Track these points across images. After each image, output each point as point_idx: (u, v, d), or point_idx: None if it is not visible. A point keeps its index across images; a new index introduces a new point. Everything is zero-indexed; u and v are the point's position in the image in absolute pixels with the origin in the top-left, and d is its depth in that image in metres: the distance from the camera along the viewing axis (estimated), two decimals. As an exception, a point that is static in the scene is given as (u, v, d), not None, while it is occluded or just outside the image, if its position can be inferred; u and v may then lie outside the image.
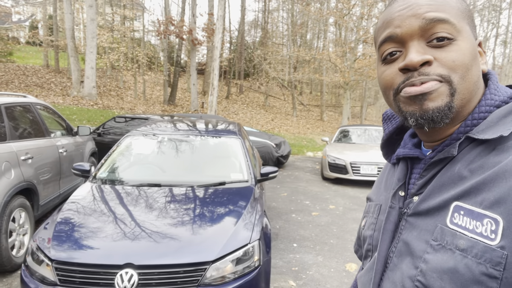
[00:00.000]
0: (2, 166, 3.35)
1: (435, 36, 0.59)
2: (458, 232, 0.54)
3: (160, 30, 18.05)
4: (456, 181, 0.58)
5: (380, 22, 0.67)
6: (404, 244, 0.63)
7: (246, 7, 27.22)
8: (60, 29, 23.59)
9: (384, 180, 0.81)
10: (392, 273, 0.64)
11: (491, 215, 0.51)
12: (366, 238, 0.78)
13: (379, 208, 0.76)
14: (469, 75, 0.59)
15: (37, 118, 4.44)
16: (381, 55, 0.65)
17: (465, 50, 0.59)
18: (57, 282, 2.17)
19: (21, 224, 3.64)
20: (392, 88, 0.63)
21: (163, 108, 18.21)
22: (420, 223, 0.61)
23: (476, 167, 0.56)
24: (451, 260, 0.53)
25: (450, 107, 0.58)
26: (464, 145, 0.60)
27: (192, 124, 4.35)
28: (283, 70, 25.66)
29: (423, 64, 0.58)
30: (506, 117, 0.58)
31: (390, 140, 0.81)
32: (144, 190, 3.04)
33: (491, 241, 0.50)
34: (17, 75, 19.65)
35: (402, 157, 0.73)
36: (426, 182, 0.64)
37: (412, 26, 0.60)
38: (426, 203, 0.61)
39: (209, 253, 2.31)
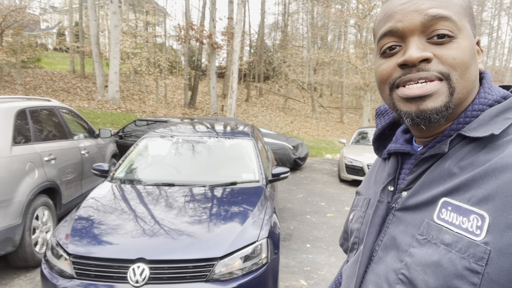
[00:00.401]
0: (26, 166, 3.55)
1: (436, 33, 0.59)
2: (444, 227, 0.54)
3: (180, 35, 18.39)
4: (445, 177, 0.58)
5: (381, 15, 0.66)
6: (390, 238, 0.63)
7: (265, 10, 27.38)
8: (85, 35, 24.38)
9: (374, 174, 0.81)
10: (377, 265, 0.65)
11: (478, 211, 0.51)
12: (353, 231, 0.78)
13: (368, 202, 0.76)
14: (468, 73, 0.59)
15: (61, 121, 4.65)
16: (380, 48, 0.65)
17: (465, 48, 0.59)
18: (74, 275, 2.30)
19: (44, 222, 3.83)
20: (388, 82, 0.64)
21: (183, 111, 18.53)
22: (408, 218, 0.61)
23: (466, 164, 0.57)
24: (436, 254, 0.54)
25: (448, 107, 0.59)
26: (455, 142, 0.61)
27: (206, 126, 4.46)
28: (302, 73, 25.62)
29: (422, 60, 0.58)
30: (497, 116, 0.58)
31: (382, 135, 0.81)
32: (158, 189, 3.16)
33: (476, 237, 0.50)
34: (44, 81, 20.45)
35: (393, 152, 0.73)
36: (415, 178, 0.65)
37: (414, 21, 0.59)
38: (414, 198, 0.61)
39: (217, 249, 2.39)
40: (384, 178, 0.72)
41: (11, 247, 3.27)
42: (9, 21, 16.21)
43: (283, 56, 24.85)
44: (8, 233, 3.19)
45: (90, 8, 17.19)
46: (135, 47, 20.21)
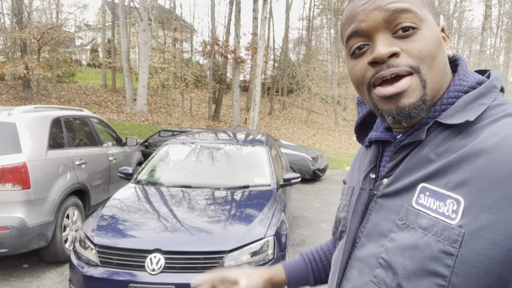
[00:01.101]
0: (60, 169, 3.90)
1: (399, 27, 0.60)
2: (422, 211, 0.56)
3: (206, 50, 19.02)
4: (423, 163, 0.60)
5: (344, 17, 0.67)
6: (373, 224, 0.65)
7: (289, 25, 27.87)
8: (117, 51, 25.56)
9: (358, 163, 0.83)
10: (359, 251, 0.67)
11: (454, 195, 0.53)
12: (340, 220, 0.80)
13: (352, 190, 0.78)
14: (436, 63, 0.60)
15: (91, 129, 5.05)
16: (349, 50, 0.66)
17: (430, 38, 0.60)
18: (99, 263, 2.57)
19: (74, 221, 4.16)
20: (364, 83, 0.65)
21: (207, 124, 19.01)
22: (388, 204, 0.63)
23: (442, 150, 0.58)
24: (413, 237, 0.55)
25: (424, 100, 0.60)
26: (432, 130, 0.62)
27: (224, 134, 4.73)
28: (325, 86, 25.76)
29: (391, 56, 0.59)
30: (472, 102, 0.60)
31: (364, 123, 0.82)
32: (176, 190, 3.42)
33: (451, 220, 0.52)
34: (78, 94, 21.53)
35: (374, 140, 0.74)
36: (395, 165, 0.66)
37: (376, 19, 0.60)
38: (394, 185, 0.63)
39: (227, 243, 2.60)
40: (366, 166, 0.74)
41: (44, 242, 3.60)
42: (46, 38, 17.29)
43: (306, 70, 25.11)
44: (41, 228, 3.52)
45: (121, 25, 18.12)
46: (163, 62, 21.02)
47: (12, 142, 3.42)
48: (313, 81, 24.12)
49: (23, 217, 3.34)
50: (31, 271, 3.75)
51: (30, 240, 3.41)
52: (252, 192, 3.44)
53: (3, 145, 3.39)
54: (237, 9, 19.74)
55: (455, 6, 22.27)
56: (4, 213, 3.26)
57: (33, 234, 3.42)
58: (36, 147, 3.62)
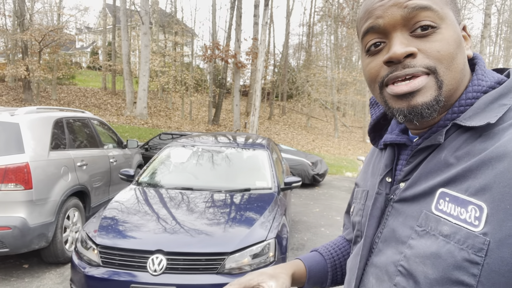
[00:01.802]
0: (61, 170, 3.92)
1: (418, 25, 0.57)
2: (443, 218, 0.54)
3: (207, 54, 19.10)
4: (442, 168, 0.58)
5: (361, 12, 0.64)
6: (390, 230, 0.63)
7: (290, 31, 28.02)
8: (117, 54, 25.62)
9: (372, 165, 0.80)
10: (377, 258, 0.65)
11: (476, 201, 0.51)
12: (355, 224, 0.78)
13: (366, 194, 0.76)
14: (455, 64, 0.58)
15: (93, 131, 5.07)
16: (365, 46, 0.64)
17: (449, 38, 0.57)
18: (100, 263, 2.58)
19: (74, 222, 4.17)
20: (377, 81, 0.63)
21: (207, 128, 19.04)
22: (406, 209, 0.61)
23: (462, 154, 0.56)
24: (434, 245, 0.53)
25: (439, 101, 0.58)
26: (450, 132, 0.60)
27: (225, 138, 4.76)
28: (325, 92, 25.85)
29: (407, 56, 0.57)
30: (492, 103, 0.57)
31: (378, 125, 0.80)
32: (178, 192, 3.44)
33: (474, 228, 0.50)
34: (78, 97, 21.54)
35: (389, 143, 0.72)
36: (412, 169, 0.64)
37: (395, 16, 0.58)
38: (412, 189, 0.61)
39: (228, 245, 2.62)
40: (382, 170, 0.72)
41: (45, 243, 3.61)
42: (47, 40, 17.35)
43: (306, 75, 25.21)
44: (42, 229, 3.53)
45: (122, 29, 18.19)
46: (163, 66, 21.08)
47: (15, 142, 3.44)
48: (313, 86, 24.21)
49: (25, 217, 3.35)
50: (31, 272, 3.75)
51: (31, 240, 3.42)
52: (253, 195, 3.46)
53: (6, 145, 3.41)
54: (238, 14, 19.85)
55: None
56: (6, 212, 3.27)
57: (34, 234, 3.43)
58: (39, 147, 3.64)
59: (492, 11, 22.49)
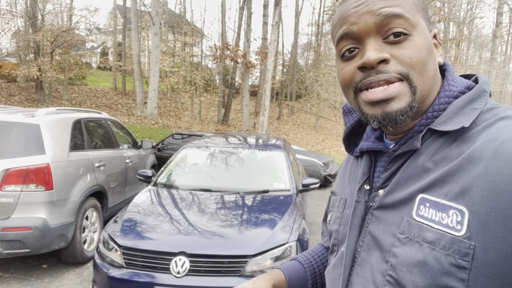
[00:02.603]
0: (80, 171, 3.95)
1: (391, 32, 0.58)
2: (425, 224, 0.54)
3: (216, 54, 19.13)
4: (420, 173, 0.58)
5: (336, 18, 0.65)
6: (372, 238, 0.63)
7: (299, 31, 27.95)
8: (127, 55, 25.80)
9: (348, 173, 0.80)
10: (362, 268, 0.64)
11: (456, 206, 0.51)
12: (332, 233, 0.77)
13: (344, 202, 0.75)
14: (427, 70, 0.59)
15: (109, 132, 5.10)
16: (339, 51, 0.65)
17: (421, 45, 0.59)
18: (124, 265, 2.59)
19: (93, 223, 4.20)
20: (351, 86, 0.63)
21: (216, 128, 19.08)
22: (386, 216, 0.61)
23: (439, 158, 0.56)
24: (420, 252, 0.53)
25: (412, 107, 0.59)
26: (426, 137, 0.61)
27: (241, 139, 4.75)
28: (335, 92, 25.73)
29: (380, 62, 0.58)
30: (464, 107, 0.59)
31: (352, 133, 0.81)
32: (197, 194, 3.44)
33: (457, 232, 0.50)
34: (89, 97, 21.73)
35: (365, 150, 0.72)
36: (390, 175, 0.64)
37: (368, 23, 0.59)
38: (391, 196, 0.61)
39: (250, 248, 2.61)
40: (359, 177, 0.72)
41: (64, 243, 3.64)
42: (59, 41, 17.52)
43: (315, 75, 25.13)
44: (62, 229, 3.56)
45: (133, 29, 18.29)
46: (173, 66, 21.17)
47: (35, 143, 3.47)
48: (322, 86, 24.13)
49: (46, 217, 3.38)
50: (50, 272, 3.79)
51: (52, 240, 3.45)
52: (272, 197, 3.45)
53: (27, 146, 3.44)
54: (248, 14, 19.85)
55: (466, 13, 22.17)
56: (27, 213, 3.31)
57: (54, 235, 3.46)
58: (59, 148, 3.67)
59: (504, 10, 22.22)
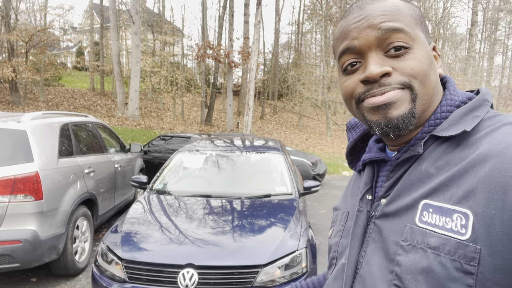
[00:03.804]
0: (70, 178, 3.74)
1: (391, 46, 0.60)
2: (428, 230, 0.53)
3: (199, 54, 18.88)
4: (423, 179, 0.58)
5: (337, 33, 0.67)
6: (375, 248, 0.62)
7: (279, 30, 27.92)
8: (105, 54, 25.15)
9: (351, 188, 0.81)
10: (364, 278, 0.63)
11: (460, 209, 0.50)
12: (331, 246, 0.77)
13: (347, 215, 0.75)
14: (428, 80, 0.60)
15: (97, 135, 4.88)
16: (342, 66, 0.66)
17: (421, 57, 0.60)
18: (126, 279, 2.43)
19: (83, 232, 3.99)
20: (353, 97, 0.65)
21: (200, 128, 18.83)
22: (388, 225, 0.60)
23: (442, 164, 0.56)
24: (424, 259, 0.52)
25: (413, 113, 0.60)
26: (429, 144, 0.61)
27: (238, 141, 4.63)
28: (316, 91, 25.87)
29: (383, 75, 0.60)
30: (466, 115, 0.60)
31: (355, 148, 0.82)
32: (197, 200, 3.30)
33: (462, 236, 0.49)
34: (66, 98, 21.06)
35: (368, 161, 0.73)
36: (393, 184, 0.64)
37: (369, 38, 0.60)
38: (394, 204, 0.61)
39: (260, 257, 2.50)
40: (362, 188, 0.72)
41: (55, 255, 3.43)
42: (34, 41, 16.89)
43: (297, 74, 25.19)
44: (53, 241, 3.36)
45: (112, 29, 17.82)
46: (154, 66, 20.78)
47: (23, 150, 3.25)
48: (304, 85, 24.21)
49: (36, 229, 3.17)
50: (40, 285, 3.57)
51: (43, 253, 3.24)
52: (276, 201, 3.35)
53: (13, 153, 3.22)
54: (230, 13, 19.70)
55: (443, 13, 22.66)
56: (16, 225, 3.09)
57: (45, 247, 3.25)
58: (47, 155, 3.46)
59: (478, 9, 22.85)
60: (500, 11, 31.21)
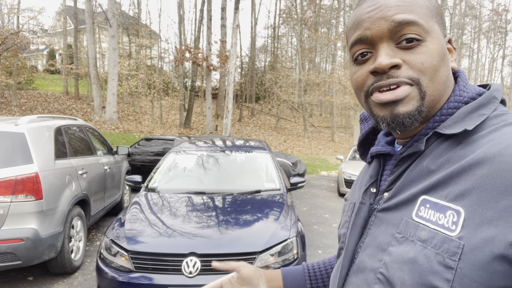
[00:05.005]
0: (66, 179, 3.87)
1: (404, 38, 0.59)
2: (421, 224, 0.54)
3: (177, 57, 18.94)
4: (424, 175, 0.58)
5: (350, 23, 0.66)
6: (371, 238, 0.64)
7: (256, 33, 28.30)
8: (79, 57, 24.72)
9: (360, 180, 0.82)
10: (358, 268, 0.65)
11: (454, 207, 0.51)
12: (340, 237, 0.78)
13: (353, 207, 0.75)
14: (438, 76, 0.60)
15: (87, 138, 4.99)
16: (353, 55, 0.66)
17: (433, 51, 0.59)
18: (133, 269, 2.62)
19: (78, 232, 4.12)
20: (363, 90, 0.65)
21: (179, 131, 18.88)
22: (388, 218, 0.61)
23: (443, 161, 0.57)
24: (412, 250, 0.54)
25: (420, 111, 0.60)
26: (432, 140, 0.61)
27: (227, 142, 4.86)
28: (293, 93, 26.38)
29: (392, 67, 0.59)
30: (472, 113, 0.59)
31: (367, 140, 0.82)
32: (192, 197, 3.52)
33: (451, 232, 0.50)
34: (39, 102, 20.60)
35: (375, 154, 0.74)
36: (396, 178, 0.65)
37: (381, 29, 0.60)
38: (395, 198, 0.62)
39: (257, 245, 2.75)
40: (367, 180, 0.73)
41: (54, 253, 3.55)
42: (8, 44, 16.50)
43: (274, 77, 25.60)
44: (52, 239, 3.48)
45: (88, 32, 17.64)
46: (131, 69, 20.66)
47: (22, 152, 3.37)
48: (281, 88, 24.64)
49: (37, 228, 3.30)
50: (38, 284, 3.68)
51: (43, 251, 3.37)
52: (267, 196, 3.60)
53: (13, 155, 3.33)
54: (208, 17, 19.86)
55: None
56: (18, 224, 3.21)
57: (45, 245, 3.38)
58: (45, 157, 3.58)
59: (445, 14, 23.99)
60: (466, 16, 32.87)
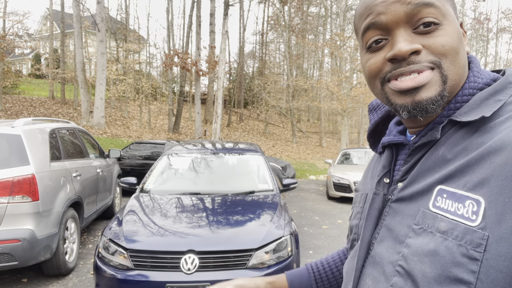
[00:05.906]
0: (61, 181, 3.90)
1: (421, 22, 0.57)
2: (440, 214, 0.53)
3: (166, 62, 18.97)
4: (440, 164, 0.57)
5: (360, 9, 0.63)
6: (387, 230, 0.62)
7: (244, 39, 28.52)
8: (65, 61, 24.49)
9: (371, 170, 0.80)
10: (374, 259, 0.63)
11: (474, 196, 0.50)
12: (352, 228, 0.77)
13: (365, 197, 0.74)
14: (458, 59, 0.58)
15: (80, 141, 5.02)
16: (366, 43, 0.63)
17: (452, 33, 0.57)
18: (132, 267, 2.69)
19: (72, 233, 4.14)
20: (378, 77, 0.62)
21: (168, 136, 18.84)
22: (403, 209, 0.60)
23: (460, 149, 0.55)
24: (432, 242, 0.52)
25: (443, 96, 0.57)
26: (447, 129, 0.59)
27: (220, 144, 4.96)
28: (281, 99, 26.63)
29: (412, 53, 0.57)
30: (488, 99, 0.57)
31: (376, 130, 0.80)
32: (187, 197, 3.59)
33: (472, 222, 0.49)
34: (25, 107, 20.30)
35: (387, 144, 0.72)
36: (410, 168, 0.63)
37: (398, 13, 0.57)
38: (410, 188, 0.60)
39: (253, 243, 2.84)
40: (380, 171, 0.71)
41: (49, 254, 3.58)
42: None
43: (262, 82, 25.81)
44: (48, 240, 3.51)
45: (76, 36, 17.54)
46: (119, 74, 20.59)
47: (19, 154, 3.40)
48: (270, 94, 24.84)
49: (33, 228, 3.32)
50: (32, 285, 3.69)
51: (39, 252, 3.39)
52: (260, 196, 3.71)
53: (10, 157, 3.36)
54: (197, 23, 19.97)
55: None
56: (14, 225, 3.23)
57: (41, 246, 3.40)
58: (41, 159, 3.61)
59: None
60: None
